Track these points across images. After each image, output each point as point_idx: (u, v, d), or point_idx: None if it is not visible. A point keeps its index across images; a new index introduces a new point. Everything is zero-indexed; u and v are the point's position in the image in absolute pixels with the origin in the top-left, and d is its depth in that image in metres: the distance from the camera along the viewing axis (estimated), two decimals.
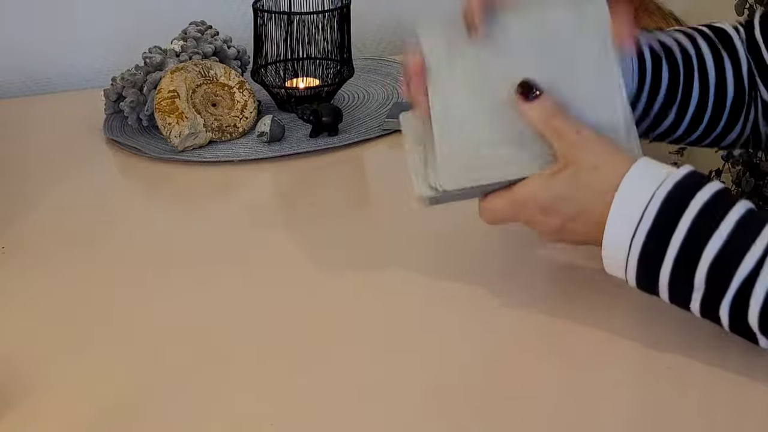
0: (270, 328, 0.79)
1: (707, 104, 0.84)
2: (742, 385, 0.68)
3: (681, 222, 0.66)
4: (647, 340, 0.73)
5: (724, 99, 0.85)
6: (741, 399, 0.68)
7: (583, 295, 0.79)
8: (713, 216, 0.66)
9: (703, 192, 0.67)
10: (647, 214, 0.67)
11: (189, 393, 0.71)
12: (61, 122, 1.28)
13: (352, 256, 0.90)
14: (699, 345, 0.71)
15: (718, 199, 0.66)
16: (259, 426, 0.67)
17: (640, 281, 0.69)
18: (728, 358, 0.70)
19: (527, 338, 0.76)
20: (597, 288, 0.76)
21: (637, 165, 0.68)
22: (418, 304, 0.82)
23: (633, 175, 0.68)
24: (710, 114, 0.85)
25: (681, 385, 0.69)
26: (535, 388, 0.70)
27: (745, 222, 0.65)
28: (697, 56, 0.84)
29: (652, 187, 0.67)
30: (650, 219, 0.67)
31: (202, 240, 0.95)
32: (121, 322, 0.81)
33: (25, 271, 0.90)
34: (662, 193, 0.67)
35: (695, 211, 0.66)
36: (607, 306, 0.77)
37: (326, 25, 1.22)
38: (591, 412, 0.68)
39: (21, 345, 0.78)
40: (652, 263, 0.67)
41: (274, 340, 0.78)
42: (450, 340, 0.77)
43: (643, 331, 0.74)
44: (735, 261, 0.64)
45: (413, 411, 0.68)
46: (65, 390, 0.72)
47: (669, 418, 0.66)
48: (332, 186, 1.09)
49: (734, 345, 0.69)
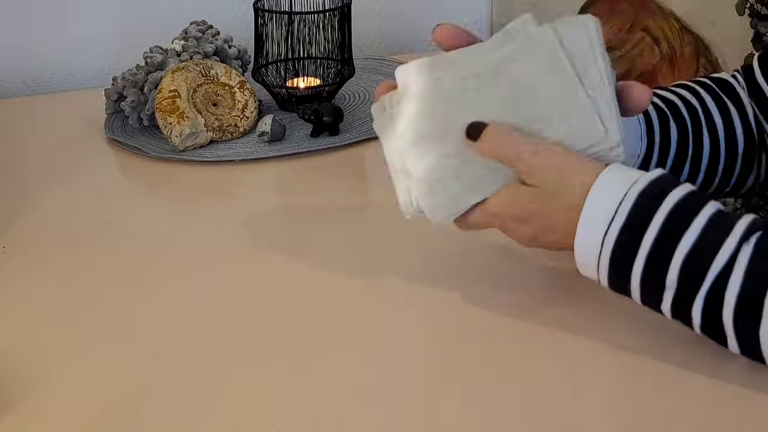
0: (270, 327, 0.79)
1: (719, 154, 0.84)
2: (743, 397, 0.67)
3: (654, 218, 0.66)
4: (643, 346, 0.73)
5: (736, 146, 0.84)
6: (742, 410, 0.67)
7: (583, 300, 0.78)
8: (686, 213, 0.66)
9: (676, 191, 0.67)
10: (620, 211, 0.67)
11: (189, 393, 0.71)
12: (62, 122, 1.28)
13: (352, 256, 0.90)
14: (701, 353, 0.70)
15: (691, 198, 0.67)
16: (259, 426, 0.67)
17: (611, 280, 0.69)
18: (729, 368, 0.69)
19: (526, 340, 0.76)
20: (596, 296, 0.76)
21: (610, 168, 0.69)
22: (417, 305, 0.81)
23: (606, 175, 0.68)
24: (724, 163, 0.84)
25: (679, 392, 0.69)
26: (533, 392, 0.70)
27: (717, 219, 0.66)
28: (702, 108, 0.84)
29: (625, 186, 0.67)
30: (623, 215, 0.67)
31: (203, 240, 0.95)
32: (122, 322, 0.81)
33: (25, 271, 0.90)
34: (636, 190, 0.67)
35: (668, 207, 0.66)
36: (605, 312, 0.77)
37: (327, 24, 1.22)
38: (586, 415, 0.68)
39: (21, 345, 0.78)
40: (625, 261, 0.67)
41: (275, 340, 0.78)
42: (449, 341, 0.77)
43: (638, 337, 0.74)
44: (708, 256, 0.64)
45: (412, 411, 0.68)
46: (65, 390, 0.72)
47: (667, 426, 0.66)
48: (333, 186, 1.09)
49: (736, 356, 0.68)
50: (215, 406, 0.69)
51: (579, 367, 0.73)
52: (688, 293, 0.66)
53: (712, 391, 0.68)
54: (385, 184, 0.79)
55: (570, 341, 0.74)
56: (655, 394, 0.68)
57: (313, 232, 0.95)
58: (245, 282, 0.87)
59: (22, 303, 0.85)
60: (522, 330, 0.76)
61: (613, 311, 0.75)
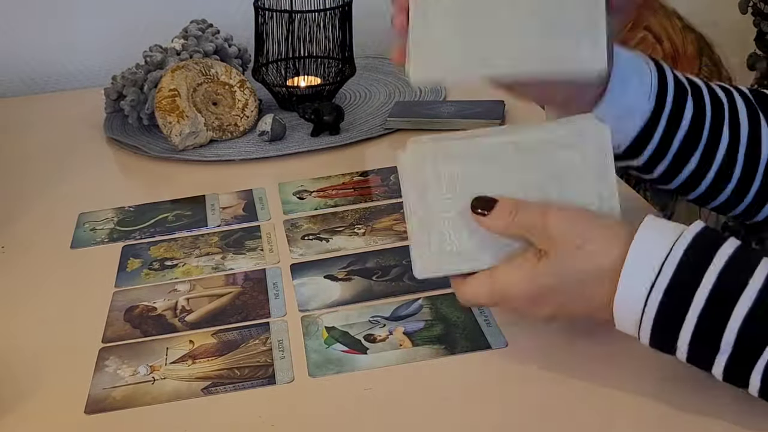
0: None
1: (737, 153, 0.78)
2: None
3: (705, 277, 0.59)
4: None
5: (757, 157, 0.78)
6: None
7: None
8: (741, 271, 0.59)
9: (726, 246, 0.61)
10: (666, 268, 0.60)
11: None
12: (62, 121, 1.28)
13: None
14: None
15: (743, 253, 0.61)
16: (259, 426, 0.67)
17: (654, 340, 0.62)
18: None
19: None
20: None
21: (646, 221, 0.63)
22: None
23: (646, 230, 0.62)
24: (743, 167, 0.78)
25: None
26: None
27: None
28: (730, 104, 0.78)
29: (668, 240, 0.61)
30: (669, 273, 0.60)
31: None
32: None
33: (25, 271, 0.90)
34: (682, 245, 0.61)
35: (721, 264, 0.60)
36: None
37: (328, 23, 1.22)
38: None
39: (20, 345, 0.78)
40: (671, 322, 0.61)
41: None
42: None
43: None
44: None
45: (412, 411, 0.67)
46: (65, 390, 0.72)
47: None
48: None
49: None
50: (215, 405, 0.69)
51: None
52: (747, 359, 0.59)
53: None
54: None
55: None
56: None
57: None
58: None
59: (22, 303, 0.84)
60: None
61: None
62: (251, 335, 0.76)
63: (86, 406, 0.69)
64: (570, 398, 0.67)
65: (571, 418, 0.65)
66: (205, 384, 0.71)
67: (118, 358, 0.75)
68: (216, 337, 0.77)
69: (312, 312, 0.79)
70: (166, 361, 0.74)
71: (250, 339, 0.76)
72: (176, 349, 0.76)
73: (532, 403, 0.67)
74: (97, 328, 0.79)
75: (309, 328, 0.77)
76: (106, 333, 0.78)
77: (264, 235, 0.93)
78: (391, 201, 0.97)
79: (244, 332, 0.77)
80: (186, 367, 0.73)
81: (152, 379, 0.72)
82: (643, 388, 0.67)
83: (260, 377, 0.71)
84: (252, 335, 0.76)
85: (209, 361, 0.74)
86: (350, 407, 0.68)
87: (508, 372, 0.70)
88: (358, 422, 0.66)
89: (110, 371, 0.73)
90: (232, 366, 0.73)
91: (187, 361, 0.74)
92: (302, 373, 0.71)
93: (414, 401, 0.68)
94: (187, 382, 0.71)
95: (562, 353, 0.71)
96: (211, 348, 0.76)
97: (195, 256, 0.90)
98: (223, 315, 0.80)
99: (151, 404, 0.70)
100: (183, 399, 0.70)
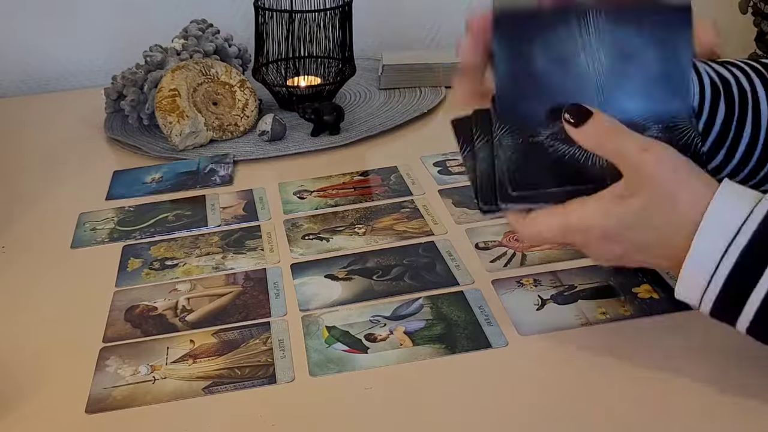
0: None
1: (756, 146, 0.75)
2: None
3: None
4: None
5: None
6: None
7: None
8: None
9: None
10: (745, 229, 0.59)
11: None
12: (62, 121, 1.28)
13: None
14: None
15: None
16: (260, 425, 0.67)
17: (718, 306, 0.60)
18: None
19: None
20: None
21: (725, 184, 0.61)
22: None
23: (725, 191, 0.60)
24: (760, 153, 0.75)
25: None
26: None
27: None
28: (752, 93, 0.75)
29: (748, 204, 0.59)
30: (749, 233, 0.58)
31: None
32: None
33: (25, 271, 0.90)
34: (763, 208, 0.59)
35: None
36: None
37: (328, 23, 1.22)
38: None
39: (21, 345, 0.78)
40: (743, 284, 0.59)
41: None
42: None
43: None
44: None
45: (413, 410, 0.67)
46: (66, 389, 0.72)
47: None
48: None
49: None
50: (215, 405, 0.69)
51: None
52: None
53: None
54: None
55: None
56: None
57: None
58: None
59: (22, 303, 0.84)
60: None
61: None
62: (252, 335, 0.76)
63: (87, 406, 0.70)
64: (570, 398, 0.67)
65: (572, 417, 0.65)
66: (206, 383, 0.71)
67: (118, 358, 0.75)
68: (216, 336, 0.77)
69: (312, 311, 0.79)
70: (167, 361, 0.74)
71: (251, 338, 0.76)
72: (177, 348, 0.76)
73: (533, 403, 0.67)
74: (97, 328, 0.79)
75: (309, 327, 0.77)
76: (106, 333, 0.78)
77: (264, 234, 0.93)
78: (391, 201, 0.97)
79: (245, 332, 0.77)
80: (187, 366, 0.73)
81: (153, 378, 0.72)
82: (643, 389, 0.67)
83: (261, 377, 0.71)
84: (252, 335, 0.76)
85: (210, 361, 0.74)
86: (351, 407, 0.68)
87: (508, 372, 0.70)
88: (358, 421, 0.66)
89: (111, 371, 0.74)
90: (232, 365, 0.73)
91: (187, 361, 0.74)
92: (303, 373, 0.71)
93: (415, 401, 0.68)
94: (187, 382, 0.72)
95: (562, 353, 0.71)
96: (211, 347, 0.76)
97: (195, 256, 0.90)
98: (224, 314, 0.80)
99: (151, 404, 0.69)
100: (184, 398, 0.70)
